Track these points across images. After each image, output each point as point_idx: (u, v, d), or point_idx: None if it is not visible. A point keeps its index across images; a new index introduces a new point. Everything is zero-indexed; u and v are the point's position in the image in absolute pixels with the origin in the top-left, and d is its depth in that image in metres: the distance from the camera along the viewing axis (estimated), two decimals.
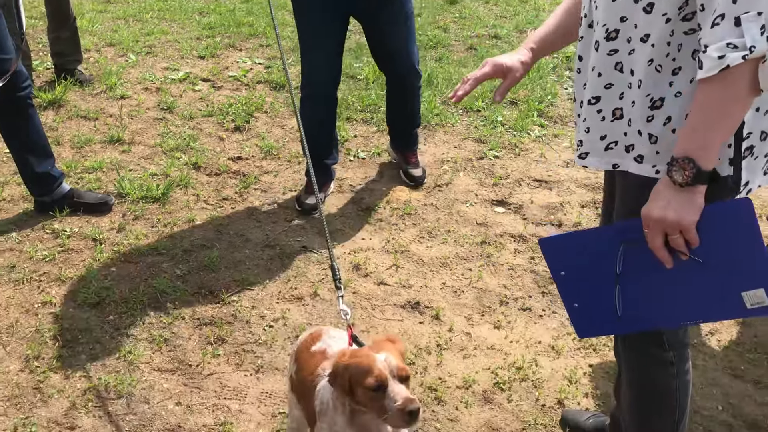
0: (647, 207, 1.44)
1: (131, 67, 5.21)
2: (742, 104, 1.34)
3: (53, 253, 3.05)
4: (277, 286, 2.95)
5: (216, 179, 3.75)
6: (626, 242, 1.49)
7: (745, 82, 1.30)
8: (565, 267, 1.58)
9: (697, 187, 1.37)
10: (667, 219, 1.40)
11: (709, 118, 1.35)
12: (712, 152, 1.36)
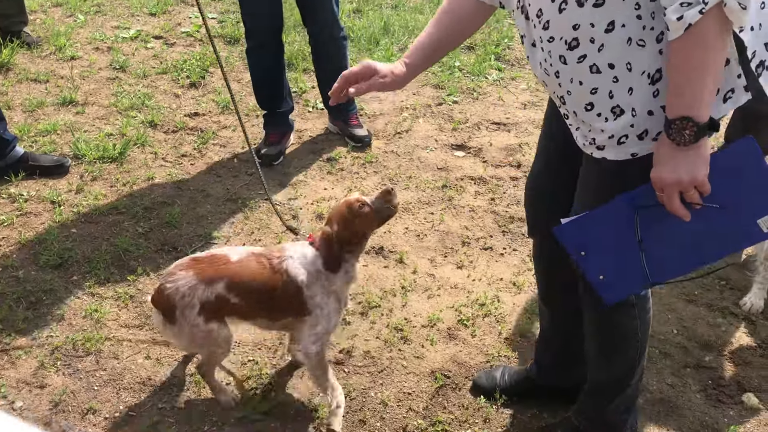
0: (657, 172, 1.44)
1: (80, 28, 5.07)
2: (718, 50, 1.34)
3: (11, 218, 3.01)
4: (241, 239, 2.96)
5: (173, 136, 3.71)
6: (640, 209, 1.51)
7: (712, 31, 1.30)
8: (585, 247, 1.60)
9: (701, 142, 1.38)
10: (682, 180, 1.41)
11: (691, 76, 1.35)
12: (705, 105, 1.36)
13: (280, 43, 3.49)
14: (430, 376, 2.32)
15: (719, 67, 1.35)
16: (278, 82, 3.54)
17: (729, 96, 1.45)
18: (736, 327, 2.54)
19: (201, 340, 2.06)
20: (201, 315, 2.00)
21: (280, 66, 3.53)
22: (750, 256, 2.83)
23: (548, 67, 1.55)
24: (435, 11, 1.82)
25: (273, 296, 2.03)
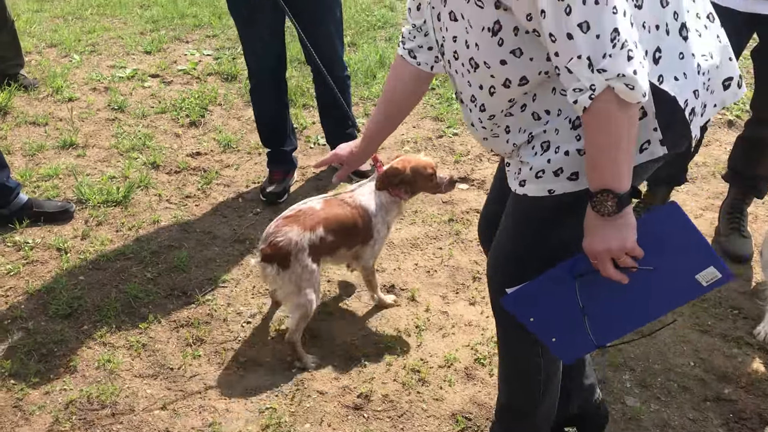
0: (587, 242, 1.49)
1: (76, 68, 5.08)
2: (623, 125, 1.35)
3: (18, 267, 2.98)
4: (251, 281, 2.94)
5: (177, 177, 3.70)
6: (579, 276, 1.57)
7: (611, 110, 1.33)
8: (532, 314, 1.67)
9: (624, 211, 1.42)
10: (612, 248, 1.46)
11: (602, 152, 1.39)
12: (622, 176, 1.40)
13: (283, 82, 3.49)
14: (451, 418, 2.30)
15: (630, 138, 1.37)
16: (282, 121, 3.54)
17: (645, 147, 1.49)
18: (752, 357, 2.54)
19: (307, 282, 2.45)
20: (310, 256, 2.44)
21: (283, 105, 3.54)
22: (760, 284, 2.84)
23: (489, 133, 1.66)
24: None
25: (354, 227, 2.56)
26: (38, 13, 6.30)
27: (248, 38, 3.34)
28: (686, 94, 1.46)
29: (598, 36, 1.28)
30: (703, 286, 1.56)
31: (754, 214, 3.32)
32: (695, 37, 1.48)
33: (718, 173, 3.65)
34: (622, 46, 1.28)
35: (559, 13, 1.30)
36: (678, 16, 1.44)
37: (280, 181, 3.53)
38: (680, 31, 1.45)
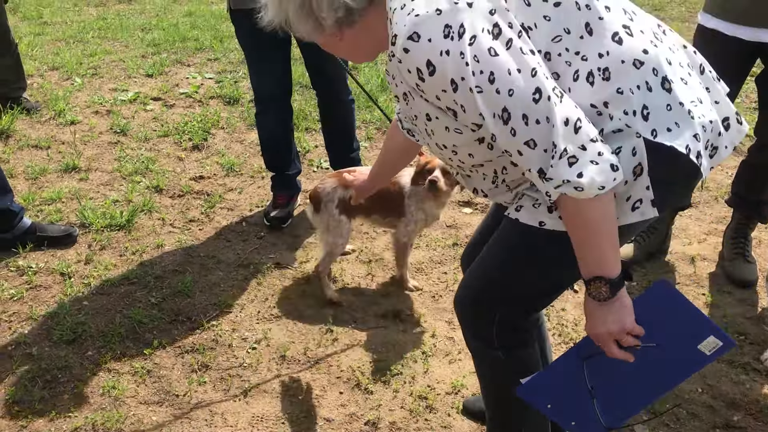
0: (589, 326, 1.57)
1: (78, 91, 5.09)
2: (593, 214, 1.43)
3: (21, 291, 2.97)
4: (256, 306, 2.93)
5: (180, 201, 3.70)
6: (586, 359, 1.64)
7: (576, 210, 1.43)
8: (548, 400, 1.72)
9: (619, 294, 1.50)
10: (612, 331, 1.53)
11: (584, 244, 1.48)
12: (610, 263, 1.47)
13: (289, 106, 3.50)
14: None
15: (609, 223, 1.45)
16: (286, 145, 3.55)
17: (636, 206, 1.52)
18: (760, 384, 2.53)
19: (334, 230, 2.89)
20: (337, 208, 2.86)
21: (288, 129, 3.54)
22: (766, 309, 2.85)
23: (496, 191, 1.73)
24: None
25: (387, 199, 2.87)
26: (40, 36, 6.33)
27: (255, 64, 3.34)
28: (685, 140, 1.47)
29: (545, 150, 1.39)
30: (707, 355, 1.61)
31: (759, 239, 3.33)
32: (680, 87, 1.50)
33: (721, 198, 3.67)
34: (560, 156, 1.38)
35: (506, 135, 1.41)
36: (657, 72, 1.47)
37: (283, 206, 3.53)
38: (662, 85, 1.48)
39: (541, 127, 1.38)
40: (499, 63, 1.36)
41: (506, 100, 1.37)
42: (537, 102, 1.37)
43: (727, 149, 1.60)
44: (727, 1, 2.67)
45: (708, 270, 3.13)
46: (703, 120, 1.51)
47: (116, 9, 7.30)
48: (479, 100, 1.38)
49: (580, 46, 1.45)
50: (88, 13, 7.12)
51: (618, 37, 1.46)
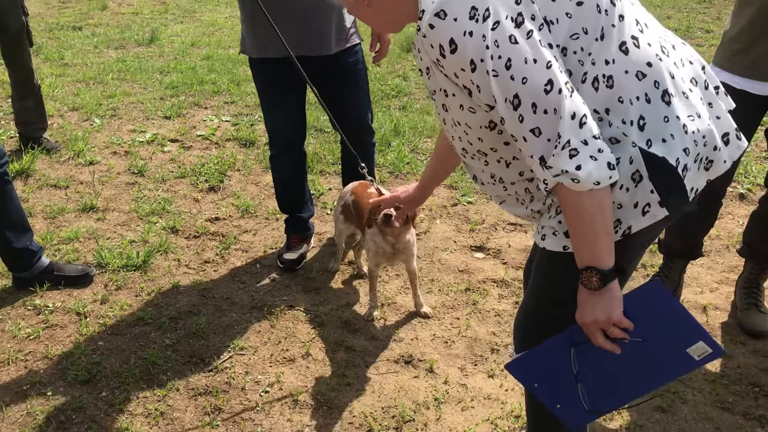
0: (579, 314, 1.62)
1: (97, 131, 5.19)
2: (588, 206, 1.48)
3: (37, 331, 3.00)
4: (269, 349, 2.95)
5: (195, 242, 3.75)
6: (574, 345, 1.68)
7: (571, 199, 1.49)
8: (536, 380, 1.76)
9: (610, 286, 1.55)
10: (599, 320, 1.58)
11: (578, 234, 1.54)
12: (603, 254, 1.53)
13: (303, 150, 3.55)
14: None
15: (604, 218, 1.50)
16: (300, 188, 3.60)
17: (647, 210, 1.58)
18: None
19: (334, 222, 3.46)
20: (339, 208, 3.38)
21: (302, 172, 3.60)
22: None
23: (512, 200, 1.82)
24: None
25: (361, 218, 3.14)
26: (61, 77, 6.47)
27: (270, 108, 3.40)
28: (676, 153, 1.55)
29: (549, 140, 1.46)
30: (696, 360, 1.64)
31: None
32: (679, 101, 1.58)
33: (732, 246, 3.68)
34: (563, 147, 1.44)
35: (514, 120, 1.48)
36: (659, 84, 1.55)
37: (296, 248, 3.58)
38: (662, 97, 1.55)
39: (549, 117, 1.45)
40: (518, 51, 1.43)
41: (519, 87, 1.44)
42: (548, 93, 1.43)
43: (726, 163, 1.66)
44: (735, 56, 2.73)
45: (721, 319, 3.13)
46: (697, 135, 1.58)
47: (135, 52, 7.46)
48: (493, 84, 1.45)
49: (593, 49, 1.51)
50: (108, 56, 7.29)
51: (625, 47, 1.53)
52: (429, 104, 5.75)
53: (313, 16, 3.10)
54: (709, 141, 1.61)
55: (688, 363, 1.65)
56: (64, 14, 9.31)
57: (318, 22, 3.13)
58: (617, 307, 1.57)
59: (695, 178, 1.61)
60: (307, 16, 3.09)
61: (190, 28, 8.56)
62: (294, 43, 3.00)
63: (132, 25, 8.68)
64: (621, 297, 1.57)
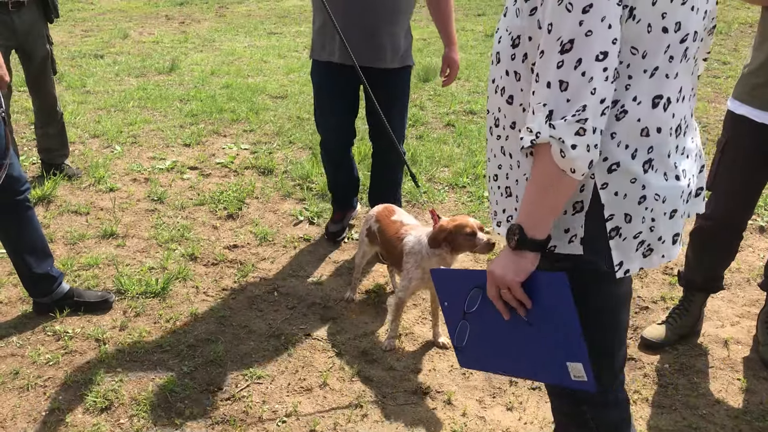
0: (491, 263, 1.59)
1: (117, 158, 5.26)
2: (554, 181, 1.44)
3: (57, 356, 3.01)
4: (286, 378, 2.94)
5: (214, 269, 3.77)
6: (477, 287, 1.67)
7: (546, 163, 1.44)
8: (447, 298, 1.76)
9: (524, 252, 1.51)
10: (495, 273, 1.56)
11: (530, 190, 1.49)
12: (537, 222, 1.49)
13: (350, 150, 4.03)
14: None
15: (556, 196, 1.46)
16: (348, 177, 4.07)
17: (572, 240, 1.57)
18: None
19: (359, 243, 3.49)
20: (365, 231, 3.41)
21: (349, 164, 4.05)
22: None
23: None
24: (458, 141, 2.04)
25: (391, 248, 3.19)
26: (82, 104, 6.57)
27: (323, 106, 3.80)
28: (615, 209, 1.53)
29: (568, 100, 1.39)
30: (570, 378, 1.59)
31: None
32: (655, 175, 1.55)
33: (753, 280, 3.65)
34: (578, 120, 1.39)
35: (550, 62, 1.41)
36: (651, 151, 1.54)
37: (339, 222, 4.10)
38: (644, 165, 1.53)
39: (583, 82, 1.39)
40: (600, 5, 1.36)
41: (579, 35, 1.38)
42: (598, 60, 1.38)
43: (663, 258, 1.63)
44: (755, 89, 2.73)
45: (742, 354, 3.09)
46: (654, 214, 1.56)
47: (156, 80, 7.57)
48: (557, 10, 1.39)
49: (634, 71, 1.47)
50: (129, 83, 7.40)
51: (657, 101, 1.50)
52: (446, 134, 5.78)
53: (375, 30, 3.51)
54: (657, 229, 1.59)
55: (562, 376, 1.60)
56: (86, 42, 9.48)
57: (378, 36, 3.53)
58: (518, 274, 1.52)
59: (625, 250, 1.57)
60: (370, 30, 3.50)
61: (209, 57, 8.69)
62: (355, 53, 3.41)
63: (152, 53, 8.82)
64: (529, 270, 1.53)
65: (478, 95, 6.91)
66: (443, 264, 2.99)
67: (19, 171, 3.10)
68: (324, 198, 4.57)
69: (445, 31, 3.75)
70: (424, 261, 3.00)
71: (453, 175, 4.94)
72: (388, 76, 3.64)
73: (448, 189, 4.77)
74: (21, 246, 3.20)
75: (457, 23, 10.80)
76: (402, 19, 3.59)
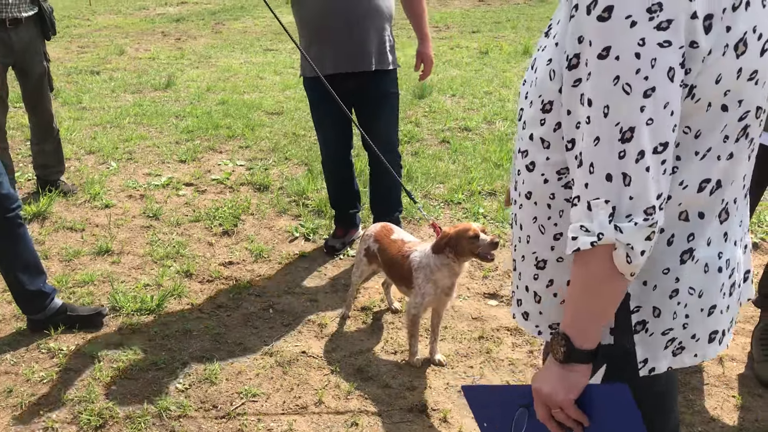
0: (535, 378, 1.40)
1: (113, 175, 5.26)
2: (606, 286, 1.27)
3: (51, 374, 3.00)
4: (281, 396, 2.93)
5: (209, 286, 3.76)
6: (523, 406, 1.48)
7: (601, 265, 1.24)
8: (485, 419, 1.59)
9: (573, 365, 1.32)
10: (542, 391, 1.37)
11: (576, 296, 1.30)
12: (585, 331, 1.30)
13: (350, 160, 4.09)
14: None
15: (606, 303, 1.29)
16: (347, 189, 4.13)
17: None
18: None
19: (356, 262, 3.47)
20: (362, 251, 3.38)
21: (349, 176, 4.11)
22: None
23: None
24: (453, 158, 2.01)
25: (396, 267, 3.17)
26: (78, 121, 6.58)
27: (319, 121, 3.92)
28: (643, 301, 1.37)
29: (632, 197, 1.20)
30: None
31: None
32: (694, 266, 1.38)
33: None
34: (650, 225, 1.21)
35: (610, 152, 1.20)
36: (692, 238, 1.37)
37: (340, 238, 4.15)
38: (681, 255, 1.36)
39: (648, 178, 1.19)
40: (663, 89, 1.18)
41: (641, 123, 1.18)
42: (658, 153, 1.20)
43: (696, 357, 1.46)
44: None
45: (737, 371, 3.10)
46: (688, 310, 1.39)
47: (152, 96, 7.59)
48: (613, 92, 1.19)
49: (683, 152, 1.28)
50: (125, 100, 7.42)
51: (685, 185, 1.31)
52: (441, 150, 5.80)
53: (356, 34, 3.60)
54: (691, 327, 1.40)
55: None
56: (82, 59, 9.50)
57: (361, 39, 3.62)
58: (567, 390, 1.34)
59: (651, 346, 1.40)
60: (351, 34, 3.59)
61: (205, 73, 8.72)
62: (339, 60, 3.62)
63: (149, 70, 8.85)
64: (582, 385, 1.34)
65: (473, 112, 6.95)
66: (452, 274, 2.99)
67: (9, 188, 3.09)
68: (320, 214, 4.58)
69: (419, 28, 3.95)
70: (433, 273, 2.99)
71: (448, 191, 4.96)
72: (373, 78, 3.74)
73: (444, 205, 4.79)
74: (14, 264, 3.19)
75: (452, 40, 10.88)
76: (377, 21, 3.68)
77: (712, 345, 1.44)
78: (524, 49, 9.77)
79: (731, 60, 1.21)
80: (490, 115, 6.80)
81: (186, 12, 13.63)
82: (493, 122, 6.62)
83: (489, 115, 6.77)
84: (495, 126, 6.52)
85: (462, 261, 2.98)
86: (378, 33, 3.68)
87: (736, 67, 1.22)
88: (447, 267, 2.98)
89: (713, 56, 1.20)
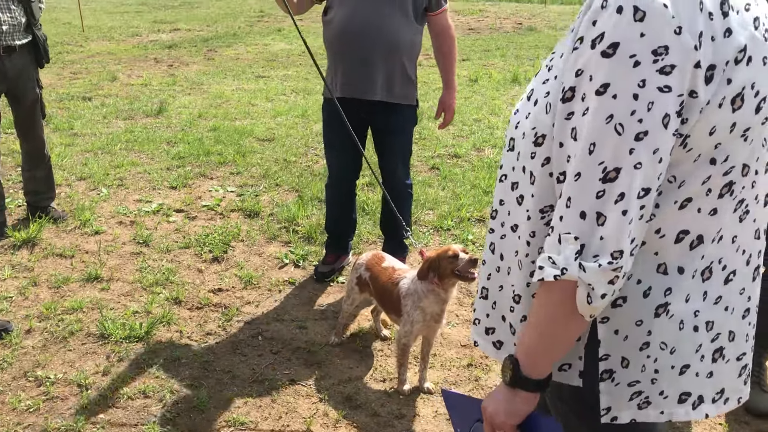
0: (487, 395, 1.42)
1: (104, 201, 5.26)
2: (563, 321, 1.25)
3: (38, 402, 2.98)
4: (269, 425, 2.92)
5: (198, 313, 3.76)
6: (479, 421, 1.48)
7: (561, 300, 1.23)
8: (459, 425, 1.61)
9: (518, 390, 1.32)
10: (486, 410, 1.38)
11: (533, 324, 1.29)
12: (534, 360, 1.30)
13: (354, 187, 4.12)
14: None
15: (561, 338, 1.28)
16: (345, 217, 4.14)
17: (565, 368, 1.40)
18: None
19: (348, 291, 3.48)
20: (354, 279, 3.40)
21: (350, 204, 4.13)
22: None
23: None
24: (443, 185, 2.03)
25: (385, 295, 3.21)
26: (70, 147, 6.59)
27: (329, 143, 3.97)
28: (612, 349, 1.34)
29: (603, 238, 1.18)
30: None
31: None
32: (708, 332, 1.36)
33: None
34: (615, 269, 1.19)
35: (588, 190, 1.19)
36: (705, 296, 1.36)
37: (330, 264, 4.16)
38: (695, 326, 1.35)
39: (624, 222, 1.18)
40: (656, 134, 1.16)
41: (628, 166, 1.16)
42: (639, 198, 1.18)
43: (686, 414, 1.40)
44: None
45: None
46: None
47: (144, 122, 7.62)
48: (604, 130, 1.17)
49: (663, 200, 1.26)
50: (117, 126, 7.44)
51: (663, 234, 1.29)
52: (431, 177, 5.84)
53: (366, 61, 3.63)
54: (660, 383, 1.37)
55: None
56: (74, 85, 9.54)
57: (369, 67, 3.64)
58: (508, 414, 1.33)
59: (616, 396, 1.36)
60: (361, 61, 3.64)
61: (197, 99, 8.77)
62: (348, 84, 3.69)
63: (141, 96, 8.89)
64: (523, 412, 1.34)
65: (462, 139, 7.01)
66: (439, 300, 3.01)
67: None
68: (310, 241, 4.59)
69: (445, 72, 3.92)
70: (421, 300, 3.02)
71: (438, 218, 4.99)
72: (383, 110, 3.76)
73: (433, 232, 4.81)
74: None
75: None
76: (400, 56, 3.70)
77: (682, 406, 1.38)
78: (513, 77, 9.87)
79: (727, 113, 1.19)
80: (479, 142, 6.86)
81: (179, 39, 13.72)
82: (482, 149, 6.68)
83: (478, 142, 6.83)
84: (484, 153, 6.58)
85: (447, 285, 3.00)
86: (388, 64, 3.66)
87: (731, 121, 1.20)
88: (433, 293, 3.01)
89: (710, 107, 1.18)
